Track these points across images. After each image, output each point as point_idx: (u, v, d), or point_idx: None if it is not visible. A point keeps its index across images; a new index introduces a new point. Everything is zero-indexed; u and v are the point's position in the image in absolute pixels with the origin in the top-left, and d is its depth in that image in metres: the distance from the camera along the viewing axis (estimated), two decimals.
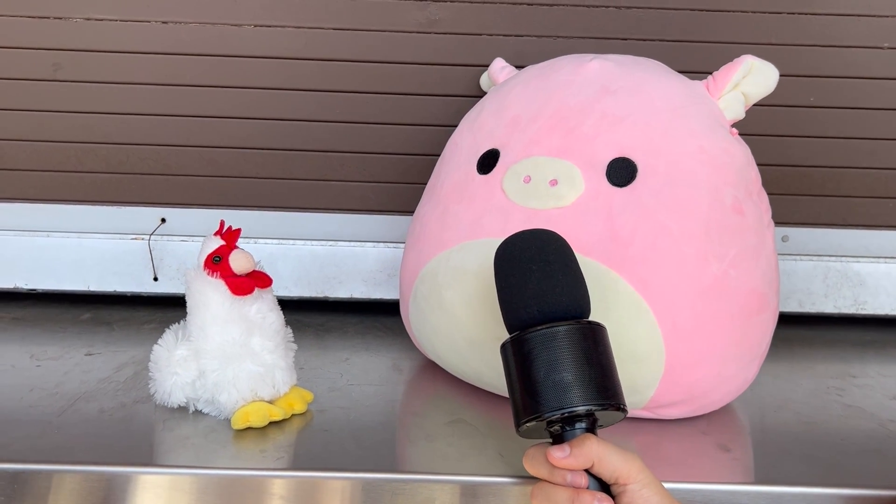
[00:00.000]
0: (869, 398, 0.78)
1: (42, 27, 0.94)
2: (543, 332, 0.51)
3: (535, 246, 0.55)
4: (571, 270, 0.54)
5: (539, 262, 0.54)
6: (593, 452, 0.49)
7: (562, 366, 0.50)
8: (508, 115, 0.74)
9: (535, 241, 0.55)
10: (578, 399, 0.49)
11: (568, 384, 0.49)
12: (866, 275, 0.98)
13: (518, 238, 0.56)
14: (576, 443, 0.50)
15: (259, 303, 0.67)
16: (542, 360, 0.50)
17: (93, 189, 0.98)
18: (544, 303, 0.52)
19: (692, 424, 0.69)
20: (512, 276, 0.54)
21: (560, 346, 0.50)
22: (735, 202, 0.67)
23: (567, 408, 0.49)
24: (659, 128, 0.68)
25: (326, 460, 0.61)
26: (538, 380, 0.50)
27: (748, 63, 0.72)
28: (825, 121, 0.96)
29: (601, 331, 0.53)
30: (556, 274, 0.53)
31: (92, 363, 0.81)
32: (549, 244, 0.55)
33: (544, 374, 0.50)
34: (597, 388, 0.50)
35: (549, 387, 0.50)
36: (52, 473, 0.59)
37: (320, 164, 0.97)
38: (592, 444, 0.49)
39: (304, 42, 0.94)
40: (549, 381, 0.50)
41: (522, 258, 0.54)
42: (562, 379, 0.50)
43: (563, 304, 0.52)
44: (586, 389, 0.50)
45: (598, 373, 0.51)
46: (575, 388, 0.49)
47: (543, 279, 0.53)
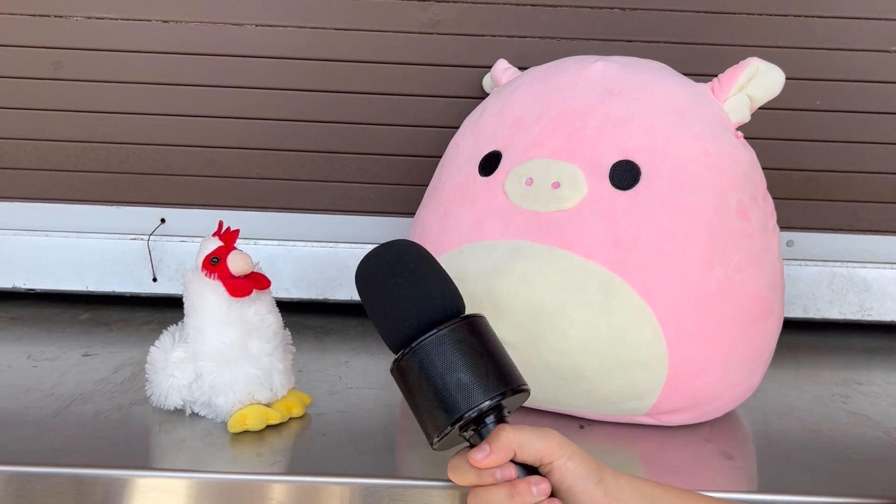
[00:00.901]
0: (874, 406, 0.77)
1: (43, 26, 0.93)
2: (429, 340, 0.50)
3: (394, 258, 0.53)
4: (436, 271, 0.53)
5: (403, 272, 0.52)
6: (512, 442, 0.49)
7: (456, 368, 0.49)
8: (511, 116, 0.73)
9: (392, 253, 0.54)
10: (481, 395, 0.49)
11: (467, 384, 0.49)
12: (872, 280, 0.97)
13: (374, 256, 0.54)
14: (492, 438, 0.49)
15: (257, 305, 0.67)
16: (436, 369, 0.49)
17: (92, 188, 0.97)
18: (421, 311, 0.51)
19: (695, 431, 0.69)
20: (381, 295, 0.52)
21: (449, 349, 0.49)
22: (740, 206, 0.67)
23: (473, 407, 0.48)
24: (663, 130, 0.67)
25: (324, 465, 0.60)
26: (438, 389, 0.49)
27: (754, 66, 0.71)
28: (831, 124, 0.95)
29: (482, 321, 0.52)
30: (423, 279, 0.52)
31: (89, 364, 0.81)
32: (407, 252, 0.54)
33: (442, 381, 0.49)
34: (495, 378, 0.50)
35: (451, 392, 0.49)
36: (47, 476, 0.58)
37: (321, 164, 0.97)
38: (509, 434, 0.49)
39: (306, 42, 0.94)
40: (450, 387, 0.49)
41: (386, 273, 0.53)
42: (460, 381, 0.49)
43: (439, 307, 0.51)
44: (486, 383, 0.49)
45: (491, 363, 0.50)
46: (475, 385, 0.49)
47: (413, 288, 0.52)
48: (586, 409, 0.68)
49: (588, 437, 0.68)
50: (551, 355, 0.64)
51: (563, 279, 0.64)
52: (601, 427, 0.69)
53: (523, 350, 0.65)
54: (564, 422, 0.70)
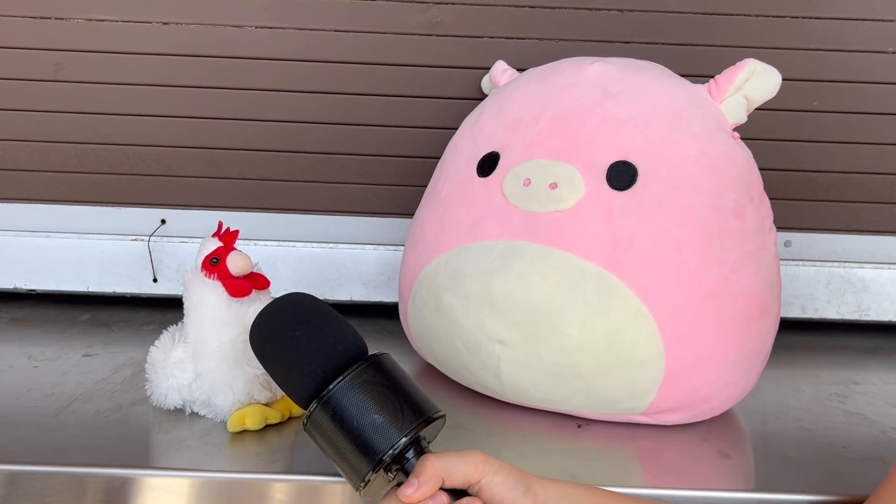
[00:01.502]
0: (871, 405, 0.78)
1: (43, 27, 0.94)
2: (337, 387, 0.49)
3: (287, 312, 0.53)
4: (332, 317, 0.53)
5: (300, 324, 0.52)
6: (438, 470, 0.49)
7: (368, 410, 0.49)
8: (509, 117, 0.74)
9: (286, 307, 0.53)
10: (397, 432, 0.49)
11: (381, 424, 0.49)
12: (870, 281, 0.97)
13: (267, 314, 0.54)
14: (418, 471, 0.49)
15: (257, 305, 0.67)
16: (348, 416, 0.49)
17: (93, 190, 0.98)
18: (326, 360, 0.50)
19: (692, 431, 0.69)
20: (282, 353, 0.52)
21: (357, 392, 0.49)
22: (736, 206, 0.67)
23: (393, 445, 0.48)
24: (660, 131, 0.68)
25: (323, 464, 0.61)
26: (355, 435, 0.49)
27: (750, 67, 0.72)
28: (828, 125, 0.95)
29: (386, 358, 0.52)
30: (322, 328, 0.52)
31: (90, 364, 0.81)
32: (299, 304, 0.53)
33: (357, 426, 0.49)
34: (408, 412, 0.49)
35: (368, 436, 0.48)
36: (47, 475, 0.59)
37: (320, 165, 0.97)
38: (433, 463, 0.49)
39: (305, 44, 0.94)
40: (365, 431, 0.49)
41: (282, 330, 0.52)
42: (374, 422, 0.49)
43: (342, 353, 0.51)
44: (400, 419, 0.49)
45: (401, 398, 0.50)
46: (390, 424, 0.49)
47: (312, 339, 0.51)
48: (584, 409, 0.68)
49: (585, 436, 0.68)
50: (549, 355, 0.65)
51: (560, 279, 0.64)
52: (598, 426, 0.69)
53: (521, 350, 0.65)
54: (562, 421, 0.70)
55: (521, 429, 0.69)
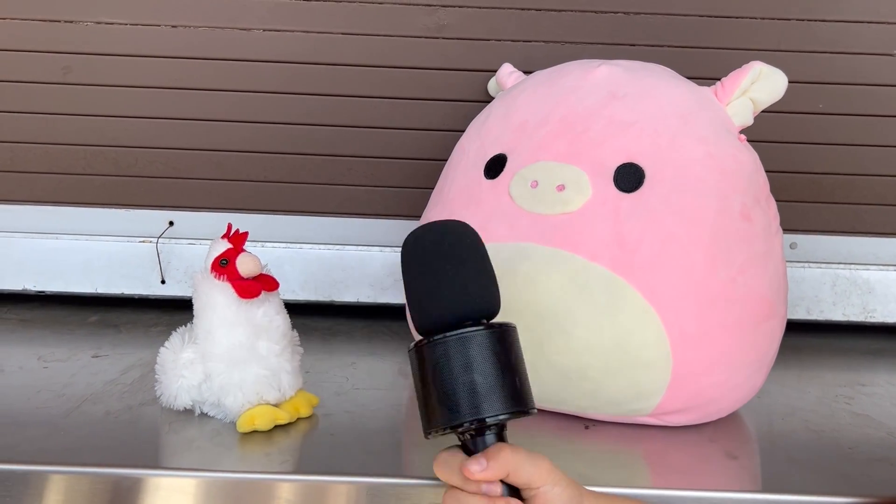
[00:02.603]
0: (878, 407, 0.78)
1: (52, 31, 0.94)
2: (457, 337, 0.48)
3: (448, 242, 0.51)
4: (485, 269, 0.51)
5: (453, 261, 0.50)
6: (509, 463, 0.49)
7: (475, 372, 0.47)
8: (516, 120, 0.74)
9: (448, 236, 0.51)
10: (492, 408, 0.47)
11: (481, 392, 0.47)
12: (875, 282, 0.98)
13: (429, 233, 0.52)
14: (491, 454, 0.49)
15: (266, 306, 0.67)
16: (454, 367, 0.48)
17: (101, 192, 0.98)
18: (458, 306, 0.49)
19: (699, 432, 0.69)
20: (424, 276, 0.50)
21: (473, 351, 0.48)
22: (743, 209, 0.67)
23: (480, 417, 0.47)
24: (667, 134, 0.68)
25: (332, 464, 0.61)
26: (450, 387, 0.48)
27: (757, 69, 0.72)
28: (834, 128, 0.95)
29: (512, 332, 0.50)
30: (471, 274, 0.50)
31: (99, 365, 0.81)
32: (463, 240, 0.51)
33: (456, 381, 0.47)
34: (510, 394, 0.48)
35: (462, 395, 0.47)
36: (58, 475, 0.59)
37: (328, 167, 0.98)
38: (508, 456, 0.49)
39: (313, 46, 0.95)
40: (462, 389, 0.47)
41: (435, 257, 0.50)
42: (475, 387, 0.47)
43: (477, 306, 0.49)
44: (500, 397, 0.48)
45: (510, 379, 0.49)
46: (488, 396, 0.47)
47: (458, 281, 0.49)
48: (591, 410, 0.68)
49: (592, 437, 0.68)
50: (556, 356, 0.65)
51: (567, 281, 0.64)
52: (606, 427, 0.70)
53: (528, 351, 0.65)
54: (569, 422, 0.70)
55: (528, 429, 0.69)
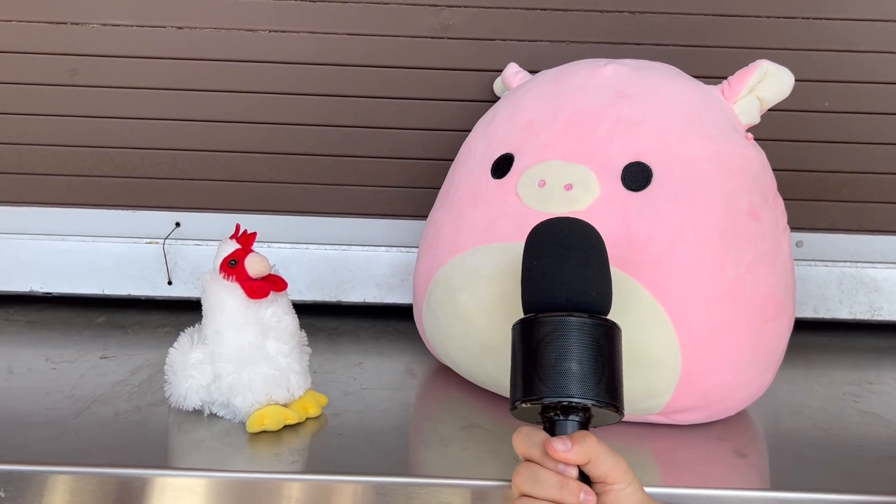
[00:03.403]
0: (886, 404, 0.78)
1: (59, 33, 0.94)
2: (567, 319, 0.51)
3: (577, 235, 0.55)
4: (605, 268, 0.55)
5: (579, 251, 0.54)
6: (591, 451, 0.50)
7: (575, 356, 0.50)
8: (523, 119, 0.74)
9: (578, 230, 0.55)
10: (584, 392, 0.50)
11: (577, 375, 0.50)
12: (882, 280, 0.97)
13: (561, 222, 0.56)
14: (577, 439, 0.50)
15: (274, 306, 0.68)
16: (557, 346, 0.50)
17: (108, 193, 0.99)
18: (574, 292, 0.52)
19: (708, 430, 0.69)
20: (548, 258, 0.54)
21: (579, 337, 0.50)
22: (751, 207, 0.67)
23: (572, 398, 0.49)
24: (674, 132, 0.68)
25: (340, 464, 0.61)
26: (549, 364, 0.50)
27: (763, 68, 0.72)
28: (840, 126, 0.95)
29: (618, 332, 0.53)
30: (592, 267, 0.54)
31: (107, 366, 0.82)
32: (591, 236, 0.55)
33: (556, 359, 0.50)
34: (604, 385, 0.50)
35: (558, 373, 0.50)
36: (68, 475, 0.59)
37: (334, 168, 0.98)
38: (593, 444, 0.50)
39: (319, 47, 0.95)
40: (560, 368, 0.50)
41: (564, 243, 0.54)
42: (570, 368, 0.50)
43: (591, 298, 0.52)
44: (594, 384, 0.50)
45: (607, 371, 0.51)
46: (583, 380, 0.50)
47: (579, 269, 0.53)
48: None
49: (602, 436, 0.67)
50: None
51: None
52: (614, 426, 0.69)
53: None
54: None
55: None
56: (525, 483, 0.50)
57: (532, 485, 0.50)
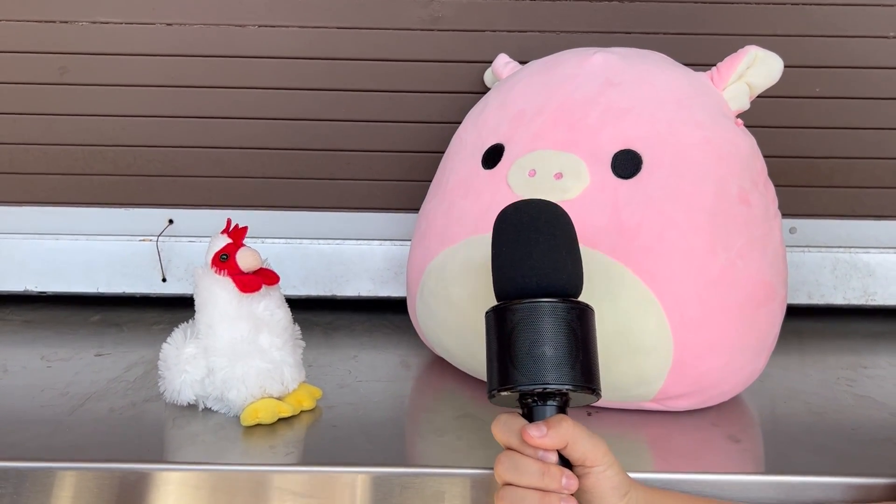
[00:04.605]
0: (880, 388, 0.78)
1: (48, 31, 0.94)
2: (538, 305, 0.50)
3: (544, 218, 0.54)
4: (574, 249, 0.54)
5: (546, 234, 0.53)
6: (568, 434, 0.50)
7: (549, 341, 0.49)
8: (513, 109, 0.74)
9: (545, 213, 0.54)
10: (559, 377, 0.49)
11: (551, 360, 0.49)
12: (876, 265, 0.98)
13: (527, 206, 0.55)
14: (552, 423, 0.50)
15: (267, 300, 0.68)
16: (529, 332, 0.50)
17: (100, 191, 0.98)
18: (544, 276, 0.51)
19: (702, 416, 0.69)
20: (516, 243, 0.53)
21: (551, 321, 0.50)
22: (741, 193, 0.67)
23: (547, 384, 0.49)
24: (664, 119, 0.68)
25: (336, 455, 0.61)
26: (522, 351, 0.50)
27: (752, 53, 0.72)
28: (831, 111, 0.95)
29: (591, 314, 0.53)
30: (561, 250, 0.53)
31: (102, 363, 0.82)
32: (559, 219, 0.54)
33: (529, 346, 0.49)
34: (579, 368, 0.50)
35: (532, 360, 0.49)
36: (64, 471, 0.59)
37: (326, 162, 0.98)
38: (568, 427, 0.50)
39: (308, 41, 0.95)
40: (534, 355, 0.49)
41: (530, 227, 0.53)
42: (544, 354, 0.49)
43: (562, 282, 0.52)
44: (569, 369, 0.49)
45: (582, 354, 0.50)
46: (558, 365, 0.49)
47: (548, 252, 0.52)
48: None
49: (596, 423, 0.68)
50: None
51: None
52: (609, 414, 0.70)
53: None
54: (572, 409, 0.70)
55: None
56: (507, 472, 0.50)
57: (513, 473, 0.50)
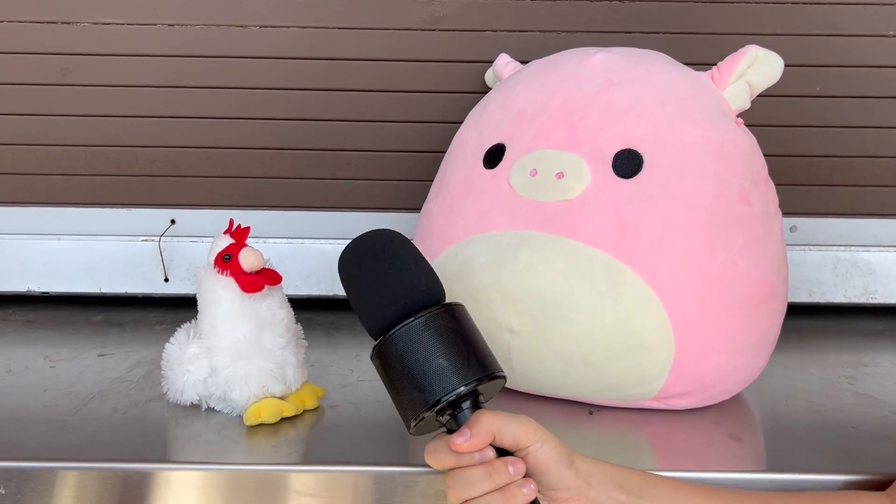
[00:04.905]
0: (881, 386, 0.78)
1: (50, 32, 0.94)
2: (412, 325, 0.50)
3: (381, 244, 0.54)
4: (419, 259, 0.54)
5: (390, 258, 0.53)
6: (491, 426, 0.50)
7: (436, 353, 0.50)
8: (514, 109, 0.74)
9: (379, 239, 0.54)
10: (460, 380, 0.49)
11: (447, 369, 0.50)
12: (876, 264, 0.98)
13: (359, 243, 0.55)
14: (472, 423, 0.50)
15: (269, 300, 0.68)
16: (416, 354, 0.50)
17: (103, 192, 0.99)
18: (406, 296, 0.51)
19: (703, 414, 0.70)
20: (367, 279, 0.53)
21: (430, 334, 0.50)
22: (742, 192, 0.68)
23: (452, 391, 0.49)
24: (664, 119, 0.68)
25: (339, 454, 0.62)
26: (418, 374, 0.50)
27: (753, 53, 0.72)
28: (831, 110, 0.95)
29: (459, 308, 0.53)
30: (409, 265, 0.53)
31: (105, 363, 0.82)
32: (393, 240, 0.54)
33: (422, 366, 0.50)
34: (474, 364, 0.50)
35: (430, 377, 0.49)
36: (67, 471, 0.60)
37: (327, 162, 0.98)
38: (488, 419, 0.50)
39: (310, 42, 0.95)
40: (429, 372, 0.50)
41: (371, 260, 0.53)
42: (439, 366, 0.50)
43: (423, 294, 0.52)
44: (465, 369, 0.50)
45: (470, 349, 0.51)
46: (454, 371, 0.50)
47: (399, 274, 0.52)
48: (594, 395, 0.69)
49: (597, 422, 0.69)
50: (559, 343, 0.65)
51: (568, 267, 0.65)
52: (610, 412, 0.70)
53: (531, 338, 0.66)
54: (573, 408, 0.71)
55: (533, 416, 0.69)
56: (458, 491, 0.50)
57: (465, 488, 0.49)
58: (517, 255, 0.66)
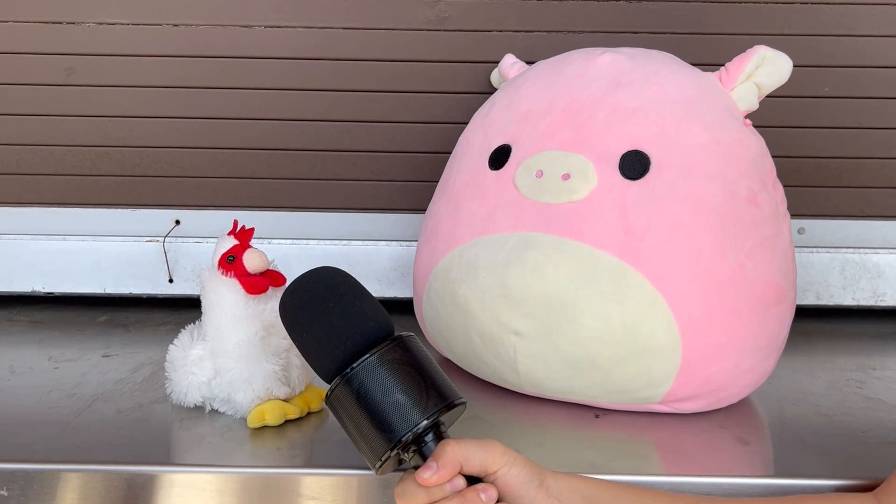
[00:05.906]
0: (889, 390, 0.77)
1: (55, 32, 0.94)
2: (365, 363, 0.49)
3: (323, 283, 0.53)
4: (364, 294, 0.53)
5: (334, 296, 0.52)
6: (458, 456, 0.49)
7: (392, 390, 0.49)
8: (520, 110, 0.74)
9: (320, 278, 0.53)
10: (419, 415, 0.49)
11: (404, 405, 0.49)
12: (885, 266, 0.97)
13: (299, 285, 0.53)
14: (437, 455, 0.49)
15: (273, 301, 0.67)
16: (372, 393, 0.49)
17: (107, 192, 0.99)
18: (356, 334, 0.50)
19: (710, 418, 0.69)
20: (312, 322, 0.52)
21: (384, 371, 0.49)
22: (750, 194, 0.67)
23: (412, 428, 0.48)
24: (672, 120, 0.68)
25: (343, 457, 0.61)
26: (376, 413, 0.49)
27: (761, 53, 0.71)
28: (840, 111, 0.95)
29: (411, 340, 0.52)
30: (354, 302, 0.52)
31: (109, 364, 0.82)
32: (335, 277, 0.53)
33: (379, 404, 0.49)
34: (432, 395, 0.50)
35: (389, 415, 0.49)
36: (71, 473, 0.59)
37: (332, 163, 0.98)
38: (454, 448, 0.49)
39: (315, 42, 0.95)
40: (387, 410, 0.49)
41: (317, 299, 0.52)
42: (397, 402, 0.49)
43: (372, 329, 0.51)
44: (423, 402, 0.49)
45: (425, 381, 0.50)
46: (412, 406, 0.49)
47: (345, 312, 0.51)
48: (601, 399, 0.68)
49: (603, 426, 0.68)
50: (565, 345, 0.65)
51: (575, 270, 0.64)
52: (616, 416, 0.70)
53: (537, 341, 0.66)
54: (579, 411, 0.70)
55: (538, 420, 0.69)
56: None
57: None
58: (523, 257, 0.66)
